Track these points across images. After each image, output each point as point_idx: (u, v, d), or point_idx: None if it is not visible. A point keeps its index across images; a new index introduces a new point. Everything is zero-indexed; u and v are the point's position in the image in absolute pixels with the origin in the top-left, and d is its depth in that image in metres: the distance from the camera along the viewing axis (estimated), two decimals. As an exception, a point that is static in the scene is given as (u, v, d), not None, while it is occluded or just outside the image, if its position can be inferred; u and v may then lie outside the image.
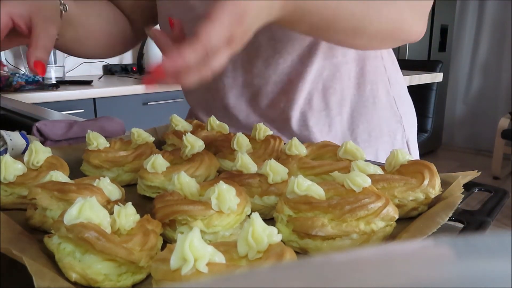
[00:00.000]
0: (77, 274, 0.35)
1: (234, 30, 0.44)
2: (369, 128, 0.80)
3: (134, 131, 0.66)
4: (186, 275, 0.29)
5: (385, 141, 0.82)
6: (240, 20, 0.44)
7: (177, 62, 0.42)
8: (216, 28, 0.42)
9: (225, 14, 0.43)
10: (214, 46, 0.43)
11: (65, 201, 0.45)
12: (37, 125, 0.75)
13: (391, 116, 0.83)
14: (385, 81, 0.83)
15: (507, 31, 4.26)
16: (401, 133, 0.85)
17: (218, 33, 0.42)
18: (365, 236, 0.41)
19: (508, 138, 3.64)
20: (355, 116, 0.80)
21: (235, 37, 0.45)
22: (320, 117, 0.79)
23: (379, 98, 0.81)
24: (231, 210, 0.42)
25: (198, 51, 0.42)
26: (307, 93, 0.77)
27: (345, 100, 0.79)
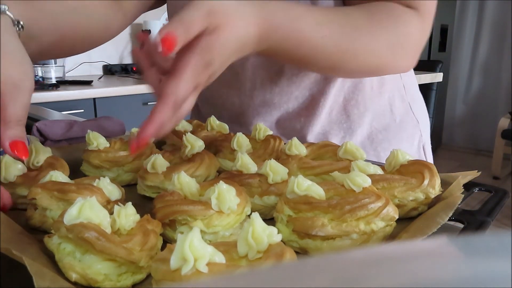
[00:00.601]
0: (77, 274, 0.35)
1: (200, 79, 0.46)
2: (389, 137, 0.80)
3: (134, 131, 0.66)
4: (186, 275, 0.29)
5: (404, 147, 0.80)
6: (205, 70, 0.46)
7: (153, 127, 0.44)
8: (181, 83, 0.44)
9: (189, 69, 0.44)
10: (182, 99, 0.45)
11: (65, 201, 0.45)
12: (37, 125, 0.75)
13: (409, 122, 0.83)
14: (401, 88, 0.82)
15: (507, 31, 4.26)
16: (418, 138, 0.84)
17: (183, 87, 0.44)
18: (365, 236, 0.41)
19: (508, 138, 3.64)
20: (374, 125, 0.79)
21: (200, 83, 0.47)
22: (341, 129, 0.78)
23: (395, 105, 0.81)
24: (231, 210, 0.42)
25: (169, 109, 0.44)
26: (329, 107, 0.77)
27: (367, 110, 0.78)
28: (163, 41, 0.42)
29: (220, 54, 0.46)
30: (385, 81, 0.79)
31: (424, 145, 0.86)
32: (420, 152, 0.85)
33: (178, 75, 0.44)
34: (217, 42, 0.45)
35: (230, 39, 0.47)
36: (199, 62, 0.45)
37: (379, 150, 0.79)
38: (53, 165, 0.54)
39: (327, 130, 0.78)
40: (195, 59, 0.45)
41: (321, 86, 0.75)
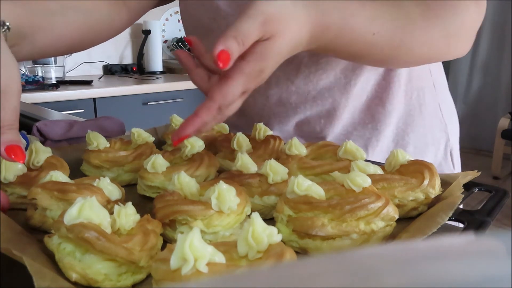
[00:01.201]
0: (77, 274, 0.35)
1: (250, 85, 0.46)
2: (415, 139, 0.75)
3: (134, 131, 0.66)
4: (186, 275, 0.29)
5: (429, 151, 0.77)
6: (257, 77, 0.45)
7: (197, 125, 0.44)
8: (231, 91, 0.44)
9: (241, 76, 0.44)
10: (229, 103, 0.45)
11: (65, 201, 0.45)
12: (37, 125, 0.75)
13: (436, 124, 0.78)
14: (431, 86, 0.78)
15: (507, 31, 4.26)
16: (445, 142, 0.79)
17: (232, 95, 0.44)
18: (365, 236, 0.41)
19: (508, 138, 3.64)
20: (401, 126, 0.75)
21: (250, 89, 0.47)
22: (365, 129, 0.74)
23: (425, 105, 0.76)
24: (231, 210, 0.42)
25: (213, 111, 0.44)
26: (352, 107, 0.73)
27: (393, 110, 0.74)
28: (218, 57, 0.41)
29: (274, 61, 0.46)
30: (413, 77, 0.74)
31: (451, 151, 0.80)
32: (447, 158, 0.79)
33: (229, 81, 0.44)
34: (272, 50, 0.45)
35: (284, 45, 0.46)
36: (252, 70, 0.45)
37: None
38: (53, 165, 0.54)
39: (349, 131, 0.74)
40: (249, 67, 0.44)
41: (341, 84, 0.71)
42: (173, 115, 0.75)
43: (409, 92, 0.74)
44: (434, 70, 0.79)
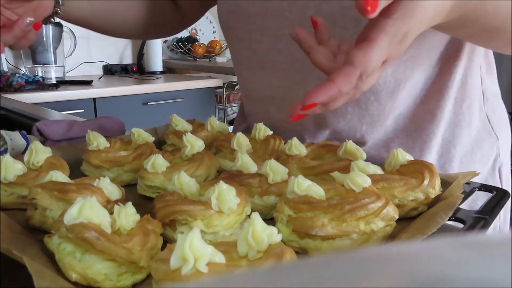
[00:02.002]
0: (77, 274, 0.35)
1: (392, 52, 0.41)
2: (461, 153, 0.68)
3: (134, 131, 0.66)
4: (186, 275, 0.29)
5: (476, 168, 0.67)
6: (400, 43, 0.41)
7: (331, 93, 0.39)
8: (375, 54, 0.39)
9: (386, 38, 0.39)
10: (370, 71, 0.40)
11: (65, 201, 0.45)
12: (37, 125, 0.75)
13: (486, 138, 0.70)
14: (480, 95, 0.71)
15: (507, 31, 4.26)
16: (494, 157, 0.71)
17: (376, 59, 0.39)
18: (365, 236, 0.41)
19: (508, 138, 3.63)
20: (447, 138, 0.67)
21: (392, 57, 0.42)
22: (409, 137, 0.67)
23: (475, 116, 0.69)
24: (231, 210, 0.42)
25: (353, 79, 0.39)
26: (397, 112, 0.67)
27: (442, 119, 0.66)
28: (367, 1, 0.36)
29: (419, 23, 0.41)
30: (465, 85, 0.67)
31: (500, 168, 0.72)
32: (495, 174, 0.72)
33: (371, 44, 0.39)
34: (420, 7, 0.40)
35: (430, 5, 0.41)
36: (397, 31, 0.39)
37: (446, 168, 0.67)
38: (53, 165, 0.54)
39: (390, 138, 0.68)
40: (395, 26, 0.39)
41: (390, 88, 0.64)
42: (173, 115, 0.75)
43: (460, 101, 0.68)
44: (485, 78, 0.72)
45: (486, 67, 0.73)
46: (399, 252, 0.12)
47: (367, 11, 0.36)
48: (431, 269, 0.10)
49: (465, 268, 0.10)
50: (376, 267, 0.11)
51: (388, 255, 0.12)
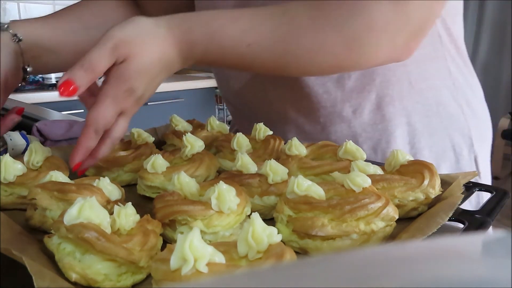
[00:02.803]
0: (77, 274, 0.35)
1: (123, 105, 0.49)
2: (431, 143, 0.70)
3: (134, 131, 0.66)
4: (186, 275, 0.29)
5: (449, 156, 0.71)
6: (128, 97, 0.49)
7: (82, 152, 0.49)
8: (101, 113, 0.48)
9: (106, 98, 0.48)
10: (103, 126, 0.49)
11: (65, 201, 0.45)
12: (37, 125, 0.75)
13: (457, 128, 0.72)
14: (450, 86, 0.72)
15: (507, 31, 4.26)
16: (468, 148, 0.73)
17: (103, 116, 0.48)
18: (365, 236, 0.41)
19: (508, 138, 3.64)
20: (417, 128, 0.70)
21: (127, 108, 0.50)
22: (376, 131, 0.70)
23: (443, 106, 0.71)
24: (231, 210, 0.42)
25: (91, 135, 0.48)
26: (357, 103, 0.69)
27: (405, 109, 0.69)
28: (60, 87, 0.46)
29: (139, 80, 0.49)
30: (428, 76, 0.70)
31: (476, 158, 0.73)
32: (472, 165, 0.73)
33: (96, 105, 0.48)
34: (129, 71, 0.48)
35: (145, 65, 0.49)
36: (116, 91, 0.48)
37: (417, 157, 0.69)
38: (53, 165, 0.54)
39: (357, 133, 0.70)
40: (112, 89, 0.48)
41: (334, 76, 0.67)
42: (173, 115, 0.75)
43: (425, 91, 0.70)
44: (453, 69, 0.73)
45: (453, 58, 0.73)
46: (399, 252, 0.12)
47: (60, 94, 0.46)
48: (431, 270, 0.10)
49: (465, 268, 0.10)
50: (377, 268, 0.11)
51: (388, 256, 0.12)
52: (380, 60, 0.58)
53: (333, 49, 0.54)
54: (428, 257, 0.11)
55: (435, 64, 0.71)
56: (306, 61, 0.56)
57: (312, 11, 0.53)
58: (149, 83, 0.51)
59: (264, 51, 0.54)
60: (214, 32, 0.53)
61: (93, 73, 0.47)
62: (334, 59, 0.55)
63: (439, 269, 0.10)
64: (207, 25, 0.53)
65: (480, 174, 0.75)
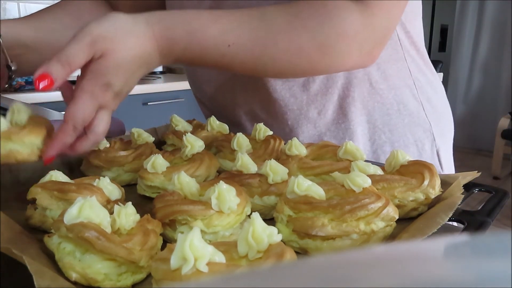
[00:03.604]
0: (77, 273, 0.35)
1: (102, 100, 0.49)
2: (392, 139, 0.74)
3: (134, 131, 0.66)
4: (186, 274, 0.29)
5: (411, 151, 0.75)
6: (106, 92, 0.49)
7: (55, 147, 0.48)
8: (79, 108, 0.47)
9: (83, 94, 0.48)
10: (81, 121, 0.48)
11: (65, 201, 0.45)
12: (37, 125, 0.75)
13: (418, 124, 0.76)
14: (411, 85, 0.76)
15: (507, 31, 4.26)
16: (430, 142, 0.77)
17: (81, 111, 0.47)
18: (365, 236, 0.41)
19: (508, 138, 3.64)
20: (378, 125, 0.74)
21: (106, 103, 0.50)
22: (339, 129, 0.73)
23: (404, 104, 0.75)
24: (231, 210, 0.42)
25: (69, 131, 0.48)
26: (321, 105, 0.72)
27: (365, 108, 0.73)
28: (36, 80, 0.45)
29: (116, 75, 0.49)
30: (388, 76, 0.73)
31: (438, 151, 0.78)
32: (434, 159, 0.78)
33: (74, 101, 0.48)
34: (106, 66, 0.48)
35: (123, 60, 0.49)
36: (93, 87, 0.48)
37: (379, 152, 0.74)
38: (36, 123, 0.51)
39: (322, 132, 0.74)
40: (88, 84, 0.48)
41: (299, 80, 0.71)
42: (173, 115, 0.75)
43: (386, 91, 0.73)
44: (413, 69, 0.76)
45: (413, 59, 0.77)
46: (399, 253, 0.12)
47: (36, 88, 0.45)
48: (431, 270, 0.10)
49: (465, 268, 0.10)
50: (376, 268, 0.11)
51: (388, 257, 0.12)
52: (348, 66, 0.62)
53: (308, 53, 0.57)
54: (428, 257, 0.11)
55: (395, 65, 0.74)
56: (283, 63, 0.58)
57: (288, 16, 0.56)
58: (127, 79, 0.50)
59: (243, 52, 0.55)
60: (196, 30, 0.53)
61: (70, 67, 0.46)
62: (308, 62, 0.58)
63: (439, 269, 0.10)
64: (188, 24, 0.53)
65: (443, 167, 0.79)
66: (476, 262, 0.11)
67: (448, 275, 0.10)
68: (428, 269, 0.10)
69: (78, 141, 0.50)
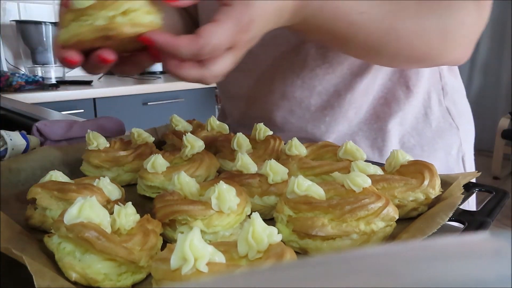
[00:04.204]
0: (77, 273, 0.35)
1: (239, 38, 0.43)
2: (422, 142, 0.73)
3: (134, 131, 0.66)
4: (186, 274, 0.29)
5: (439, 156, 0.74)
6: (245, 29, 0.43)
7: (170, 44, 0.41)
8: (219, 31, 0.41)
9: (230, 21, 0.42)
10: (212, 47, 0.41)
11: (65, 201, 0.45)
12: (37, 125, 0.75)
13: (447, 128, 0.75)
14: (439, 89, 0.76)
15: (507, 31, 4.26)
16: (457, 147, 0.76)
17: (219, 36, 0.41)
18: (365, 236, 0.41)
19: (508, 138, 3.64)
20: (407, 129, 0.73)
21: (239, 44, 0.44)
22: (371, 130, 0.73)
23: (431, 108, 0.74)
24: (231, 210, 0.42)
25: (194, 46, 0.41)
26: (358, 105, 0.72)
27: (399, 111, 0.72)
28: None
29: (261, 16, 0.44)
30: (419, 79, 0.72)
31: (463, 156, 0.77)
32: (459, 164, 0.77)
33: (217, 23, 0.41)
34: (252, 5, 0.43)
35: (267, 6, 0.44)
36: (240, 16, 0.42)
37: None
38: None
39: (355, 131, 0.73)
40: (236, 11, 0.42)
41: (348, 81, 0.70)
42: (173, 115, 0.75)
43: (417, 95, 0.73)
44: (445, 73, 0.76)
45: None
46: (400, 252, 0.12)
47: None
48: (432, 270, 0.10)
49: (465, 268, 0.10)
50: (378, 267, 0.11)
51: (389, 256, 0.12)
52: (457, 59, 0.61)
53: (429, 37, 0.56)
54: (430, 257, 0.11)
55: (429, 68, 0.74)
56: (404, 42, 0.56)
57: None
58: (262, 26, 0.45)
59: (372, 23, 0.53)
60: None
61: None
62: (427, 46, 0.57)
63: (441, 269, 0.10)
64: None
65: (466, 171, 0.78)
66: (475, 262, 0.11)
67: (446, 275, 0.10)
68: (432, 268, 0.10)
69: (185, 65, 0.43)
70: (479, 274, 0.10)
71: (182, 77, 0.44)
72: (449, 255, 0.11)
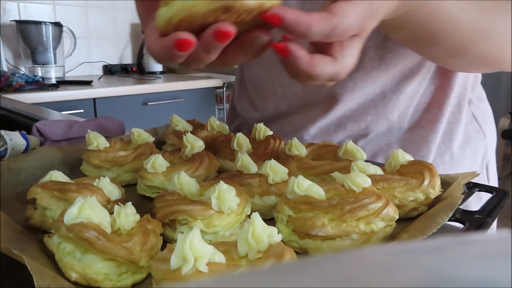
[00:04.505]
0: (77, 273, 0.35)
1: (366, 24, 0.38)
2: (452, 149, 0.72)
3: (134, 131, 0.66)
4: (186, 274, 0.29)
5: (466, 164, 0.73)
6: (374, 15, 0.39)
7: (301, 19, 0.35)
8: (354, 10, 0.36)
9: (364, 2, 0.37)
10: (344, 28, 0.36)
11: (65, 201, 0.45)
12: (37, 125, 0.75)
13: (474, 135, 0.74)
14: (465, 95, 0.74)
15: (507, 31, 4.26)
16: (482, 154, 0.75)
17: (352, 17, 0.36)
18: (365, 236, 0.41)
19: (508, 138, 3.64)
20: (443, 135, 0.72)
21: (364, 32, 0.39)
22: (408, 133, 0.72)
23: (461, 114, 0.73)
24: (231, 210, 0.42)
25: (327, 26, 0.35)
26: (403, 108, 0.71)
27: (440, 116, 0.71)
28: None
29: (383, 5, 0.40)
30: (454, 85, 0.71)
31: (488, 165, 0.76)
32: (483, 171, 0.76)
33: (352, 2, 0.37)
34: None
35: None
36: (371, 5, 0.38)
37: (438, 162, 0.71)
38: None
39: (392, 133, 0.72)
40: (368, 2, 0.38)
41: (395, 82, 0.69)
42: (173, 115, 0.75)
43: (452, 101, 0.72)
44: (470, 80, 0.75)
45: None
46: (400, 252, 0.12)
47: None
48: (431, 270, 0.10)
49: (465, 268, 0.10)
50: (379, 267, 0.11)
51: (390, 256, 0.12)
52: None
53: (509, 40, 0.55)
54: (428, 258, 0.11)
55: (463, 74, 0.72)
56: (494, 43, 0.55)
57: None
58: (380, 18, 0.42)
59: (469, 20, 0.52)
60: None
61: None
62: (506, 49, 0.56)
63: (440, 269, 0.10)
64: None
65: (490, 180, 0.76)
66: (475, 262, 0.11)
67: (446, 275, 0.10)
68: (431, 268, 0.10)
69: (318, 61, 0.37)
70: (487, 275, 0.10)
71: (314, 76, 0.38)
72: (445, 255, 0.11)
